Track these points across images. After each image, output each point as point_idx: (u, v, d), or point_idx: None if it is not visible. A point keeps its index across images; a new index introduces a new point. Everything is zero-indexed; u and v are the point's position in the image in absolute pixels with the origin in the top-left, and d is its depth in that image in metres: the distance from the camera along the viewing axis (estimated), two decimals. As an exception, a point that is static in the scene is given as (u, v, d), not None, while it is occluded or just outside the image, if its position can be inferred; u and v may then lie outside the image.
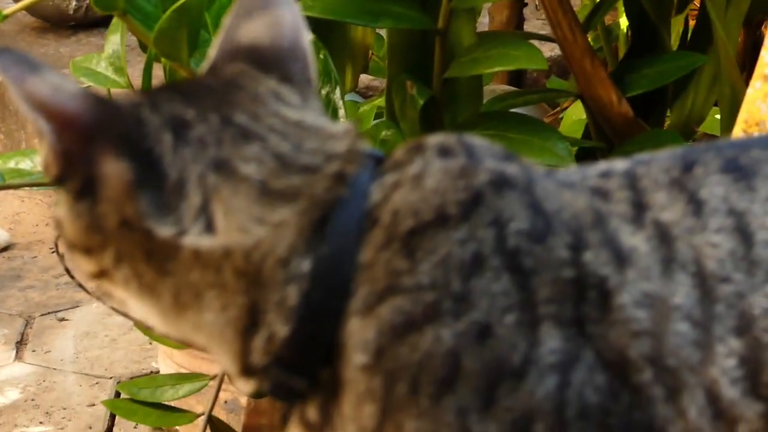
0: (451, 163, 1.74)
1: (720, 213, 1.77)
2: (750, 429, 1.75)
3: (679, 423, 1.74)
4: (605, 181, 1.80)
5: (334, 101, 3.09)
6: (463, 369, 1.69)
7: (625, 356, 1.72)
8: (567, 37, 3.43)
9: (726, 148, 1.84)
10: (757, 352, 1.74)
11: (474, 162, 1.75)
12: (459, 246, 1.70)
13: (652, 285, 1.74)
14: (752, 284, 1.75)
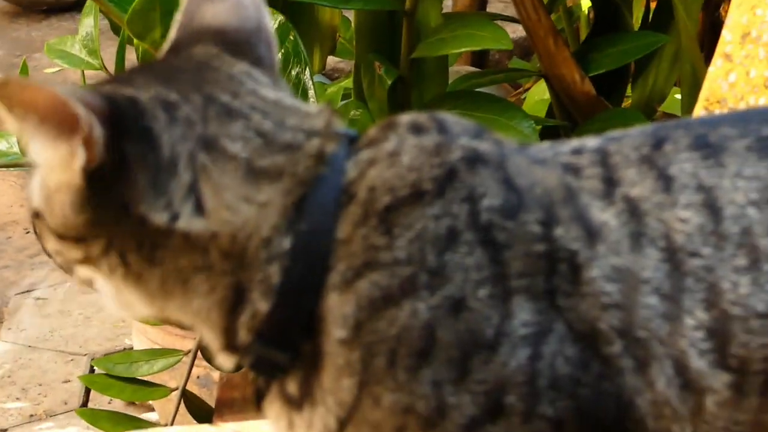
0: (425, 140, 1.75)
1: (689, 189, 1.78)
2: (717, 399, 1.77)
3: (648, 393, 1.75)
4: (577, 158, 1.81)
5: (304, 82, 3.10)
6: (438, 342, 1.70)
7: (596, 328, 1.73)
8: (531, 17, 3.45)
9: (696, 125, 1.85)
10: (725, 325, 1.76)
11: (448, 139, 1.76)
12: (434, 221, 1.71)
13: (621, 259, 1.75)
14: (721, 258, 1.76)
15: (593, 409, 1.74)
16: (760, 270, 1.76)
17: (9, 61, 6.03)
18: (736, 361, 1.75)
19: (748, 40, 2.78)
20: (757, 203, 1.77)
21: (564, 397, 1.72)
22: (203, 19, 1.84)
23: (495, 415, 1.71)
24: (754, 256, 1.76)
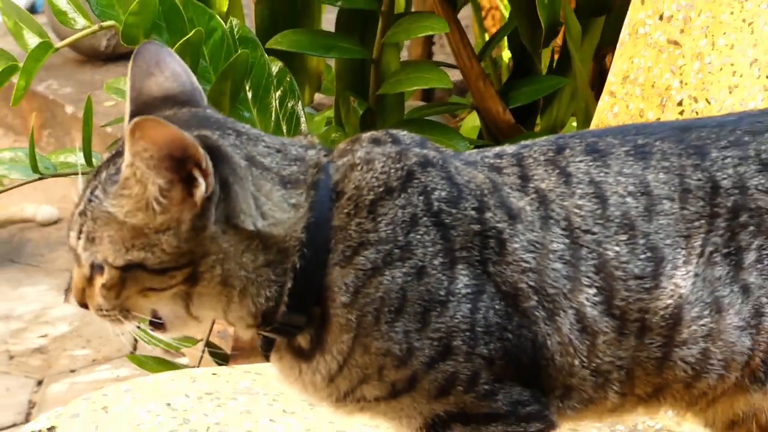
0: (388, 149, 1.76)
1: (583, 183, 1.80)
2: (605, 340, 1.77)
3: (556, 336, 1.76)
4: (499, 160, 1.82)
5: (297, 112, 3.08)
6: (408, 300, 1.71)
7: (517, 288, 1.74)
8: (466, 64, 3.44)
9: (587, 135, 1.86)
10: (610, 283, 1.77)
11: (404, 148, 1.77)
12: (401, 210, 1.72)
13: (535, 235, 1.76)
14: (606, 235, 1.78)
15: (516, 349, 1.74)
16: (636, 243, 1.78)
17: (77, 97, 6.00)
18: (618, 311, 1.77)
19: (627, 81, 2.78)
20: (633, 194, 1.80)
21: (494, 340, 1.73)
22: (151, 91, 1.77)
23: (446, 354, 1.72)
24: (632, 233, 1.78)
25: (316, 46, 3.23)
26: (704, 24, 2.67)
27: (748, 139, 1.83)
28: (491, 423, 1.76)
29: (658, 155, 1.81)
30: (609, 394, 1.81)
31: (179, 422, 2.34)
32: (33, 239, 5.57)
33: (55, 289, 5.15)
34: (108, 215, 1.67)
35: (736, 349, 1.81)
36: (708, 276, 1.80)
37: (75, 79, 6.31)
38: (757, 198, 1.81)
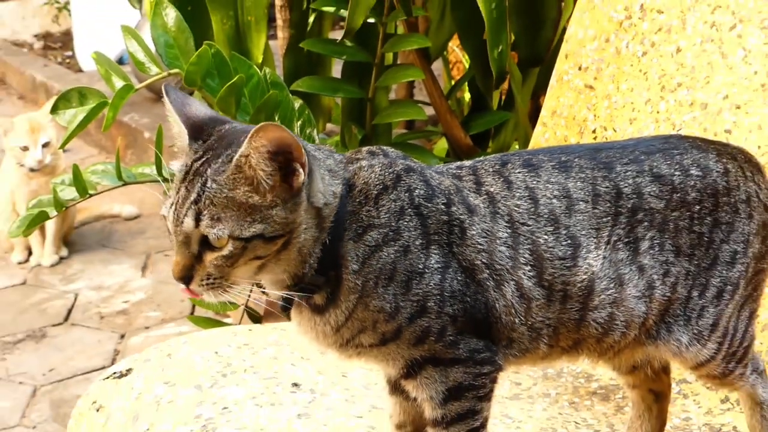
0: (382, 160, 1.74)
1: (521, 188, 1.79)
2: (537, 304, 1.77)
3: (502, 301, 1.75)
4: (459, 171, 1.80)
5: (314, 136, 3.07)
6: (397, 271, 1.69)
7: (474, 264, 1.73)
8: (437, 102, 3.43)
9: (524, 153, 1.84)
10: (540, 263, 1.76)
11: (393, 159, 1.75)
12: (393, 202, 1.70)
13: (486, 225, 1.75)
14: (537, 227, 1.77)
15: (473, 309, 1.73)
16: (560, 233, 1.77)
17: (152, 126, 6.00)
18: (547, 283, 1.76)
19: (555, 115, 2.77)
20: (558, 197, 1.78)
21: (457, 303, 1.71)
22: (196, 115, 1.70)
23: (423, 312, 1.70)
24: (556, 226, 1.77)
25: (327, 88, 3.22)
26: (612, 73, 2.67)
27: (644, 158, 1.83)
28: (454, 365, 1.74)
29: (577, 168, 1.80)
30: (540, 345, 1.80)
31: (224, 365, 2.32)
32: (119, 230, 5.54)
33: (135, 267, 5.13)
34: (229, 199, 1.60)
35: (635, 313, 1.81)
36: (613, 258, 1.79)
37: (151, 112, 6.31)
38: (650, 201, 1.80)
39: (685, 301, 1.84)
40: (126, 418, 2.21)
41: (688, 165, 1.83)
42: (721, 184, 1.84)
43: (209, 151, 1.64)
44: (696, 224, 1.82)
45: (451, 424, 1.76)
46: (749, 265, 1.88)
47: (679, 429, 2.23)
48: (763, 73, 2.43)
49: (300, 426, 2.09)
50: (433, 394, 1.75)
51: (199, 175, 1.63)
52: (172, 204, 1.65)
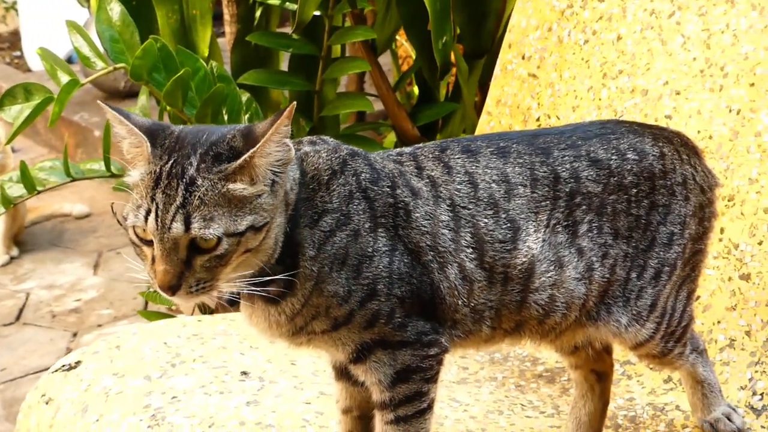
0: (325, 146, 1.75)
1: (461, 173, 1.80)
2: (479, 286, 1.79)
3: (446, 282, 1.77)
4: (400, 157, 1.82)
5: (261, 130, 3.09)
6: (349, 255, 1.70)
7: (419, 246, 1.74)
8: (385, 95, 3.45)
9: (463, 140, 1.86)
10: (481, 246, 1.78)
11: (336, 145, 1.76)
12: (342, 186, 1.71)
13: (430, 208, 1.76)
14: (477, 210, 1.79)
15: (419, 291, 1.75)
16: (499, 217, 1.78)
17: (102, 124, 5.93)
18: (488, 265, 1.78)
19: (500, 104, 2.80)
20: (496, 182, 1.80)
21: (405, 285, 1.73)
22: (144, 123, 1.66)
23: (373, 296, 1.71)
24: (496, 210, 1.79)
25: (274, 81, 3.23)
26: (554, 62, 2.70)
27: (581, 143, 1.85)
28: (402, 348, 1.75)
29: (515, 154, 1.82)
30: (483, 327, 1.82)
31: (173, 356, 2.34)
32: (70, 229, 5.52)
33: (87, 265, 5.11)
34: (222, 196, 1.58)
35: (575, 295, 1.83)
36: (552, 241, 1.81)
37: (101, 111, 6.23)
38: (587, 185, 1.83)
39: (624, 283, 1.87)
40: (75, 410, 2.22)
41: (624, 149, 1.86)
42: (657, 167, 1.88)
43: (174, 154, 1.61)
44: (633, 207, 1.86)
45: (399, 407, 1.77)
46: (686, 246, 1.92)
47: (623, 409, 2.27)
48: (702, 59, 2.47)
49: (249, 413, 2.11)
50: (381, 378, 1.76)
51: (178, 178, 1.59)
52: (148, 212, 1.60)
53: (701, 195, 1.94)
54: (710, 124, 2.42)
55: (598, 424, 2.08)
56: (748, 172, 2.35)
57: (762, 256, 2.29)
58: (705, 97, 2.45)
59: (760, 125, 2.36)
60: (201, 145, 1.62)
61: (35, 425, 2.27)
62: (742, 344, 2.27)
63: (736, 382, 2.25)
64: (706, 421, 2.13)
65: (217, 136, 1.62)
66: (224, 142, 1.61)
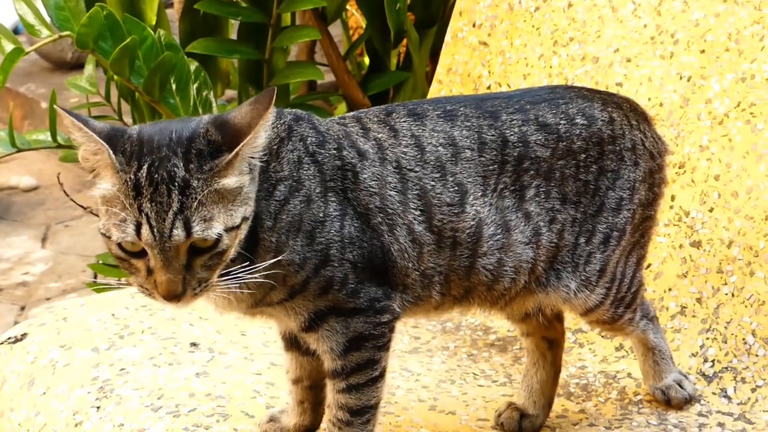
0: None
1: (407, 136, 1.80)
2: (428, 250, 1.79)
3: (396, 245, 1.76)
4: (343, 120, 1.81)
5: (210, 99, 3.07)
6: (303, 221, 1.69)
7: (368, 208, 1.74)
8: (335, 63, 3.44)
9: (408, 104, 1.85)
10: (429, 208, 1.78)
11: (279, 111, 1.74)
12: (291, 153, 1.70)
13: (377, 170, 1.76)
14: (424, 173, 1.78)
15: (370, 255, 1.75)
16: (446, 180, 1.79)
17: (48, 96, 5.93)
18: (436, 229, 1.78)
19: (451, 72, 2.80)
20: (443, 145, 1.81)
21: (356, 249, 1.73)
22: (101, 129, 1.62)
23: (326, 262, 1.71)
24: (443, 172, 1.79)
25: (222, 50, 3.21)
26: (505, 29, 2.70)
27: (530, 107, 1.86)
28: (355, 315, 1.75)
29: (462, 117, 1.82)
30: (432, 292, 1.82)
31: (121, 327, 2.33)
32: (17, 202, 5.48)
33: (34, 239, 5.08)
34: (217, 193, 1.57)
35: (522, 259, 1.84)
36: (500, 205, 1.81)
37: (48, 82, 6.22)
38: (536, 150, 1.83)
39: (573, 248, 1.88)
40: (22, 383, 2.20)
41: (573, 114, 1.87)
42: (606, 132, 1.89)
43: (145, 158, 1.57)
44: (582, 172, 1.87)
45: (350, 375, 1.77)
46: (635, 211, 1.93)
47: (575, 377, 2.29)
48: (653, 26, 2.49)
49: (198, 384, 2.11)
50: (333, 346, 1.76)
51: (167, 183, 1.56)
52: (138, 224, 1.55)
53: (651, 161, 1.96)
54: (661, 92, 2.43)
55: (550, 391, 2.09)
56: (699, 139, 2.36)
57: (712, 223, 2.31)
58: (656, 64, 2.46)
59: (710, 92, 2.38)
60: (177, 144, 1.58)
61: (-19, 399, 2.26)
62: (693, 311, 2.29)
63: (687, 349, 2.27)
64: (657, 389, 2.16)
65: (190, 132, 1.60)
66: (200, 137, 1.59)
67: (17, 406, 2.17)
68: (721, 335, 2.24)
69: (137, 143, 1.60)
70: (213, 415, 2.00)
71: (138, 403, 2.05)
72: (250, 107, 1.60)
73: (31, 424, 2.13)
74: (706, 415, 2.13)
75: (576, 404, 2.18)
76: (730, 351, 2.23)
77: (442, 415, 2.09)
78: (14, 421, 2.16)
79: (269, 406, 2.03)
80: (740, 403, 2.16)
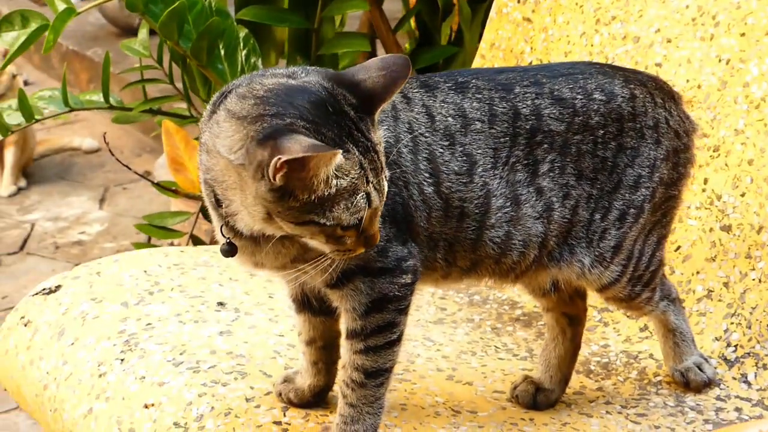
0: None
1: (419, 105, 1.81)
2: (436, 215, 1.80)
3: (411, 201, 1.77)
4: None
5: (258, 66, 3.11)
6: None
7: (388, 162, 1.70)
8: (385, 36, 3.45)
9: (421, 77, 1.86)
10: (437, 174, 1.79)
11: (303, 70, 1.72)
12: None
13: (392, 124, 1.77)
14: (434, 140, 1.80)
15: (393, 208, 1.75)
16: (455, 148, 1.79)
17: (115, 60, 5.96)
18: (444, 195, 1.79)
19: (494, 48, 2.81)
20: (453, 116, 1.80)
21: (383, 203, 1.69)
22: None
23: None
24: (452, 141, 1.80)
25: (272, 17, 3.24)
26: (549, 6, 2.71)
27: (545, 81, 1.86)
28: (381, 276, 1.75)
29: (474, 89, 1.83)
30: (437, 257, 1.82)
31: (152, 284, 2.38)
32: (79, 163, 5.59)
33: (93, 200, 5.18)
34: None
35: (532, 233, 1.85)
36: (510, 179, 1.82)
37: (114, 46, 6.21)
38: (549, 123, 1.84)
39: (588, 224, 1.89)
40: (52, 333, 2.27)
41: (591, 89, 1.87)
42: (626, 109, 1.89)
43: (347, 138, 1.58)
44: (600, 148, 1.87)
45: (369, 336, 1.78)
46: (656, 190, 1.94)
47: (597, 355, 2.30)
48: (694, 7, 2.48)
49: (221, 342, 2.16)
50: (356, 305, 1.76)
51: (369, 150, 1.60)
52: (368, 195, 1.60)
53: (676, 140, 1.96)
54: (699, 74, 2.43)
55: (567, 367, 2.10)
56: (735, 122, 2.36)
57: (743, 207, 2.31)
58: (695, 45, 2.45)
59: (748, 76, 2.37)
60: (336, 114, 1.58)
61: (13, 347, 2.33)
62: (720, 295, 2.29)
63: (711, 332, 2.27)
64: (677, 370, 2.16)
65: (328, 98, 1.59)
66: (344, 101, 1.60)
67: (46, 355, 2.24)
68: (746, 320, 2.25)
69: (319, 128, 1.57)
70: (231, 372, 2.04)
71: (161, 358, 2.10)
72: (383, 73, 1.60)
73: (58, 372, 2.19)
74: (724, 400, 2.14)
75: (595, 382, 2.20)
76: (754, 337, 2.23)
77: (459, 385, 2.12)
78: (43, 369, 2.23)
79: (287, 367, 2.07)
80: (760, 389, 2.16)
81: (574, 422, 2.04)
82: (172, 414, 1.98)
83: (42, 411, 2.22)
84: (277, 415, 1.93)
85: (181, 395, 2.00)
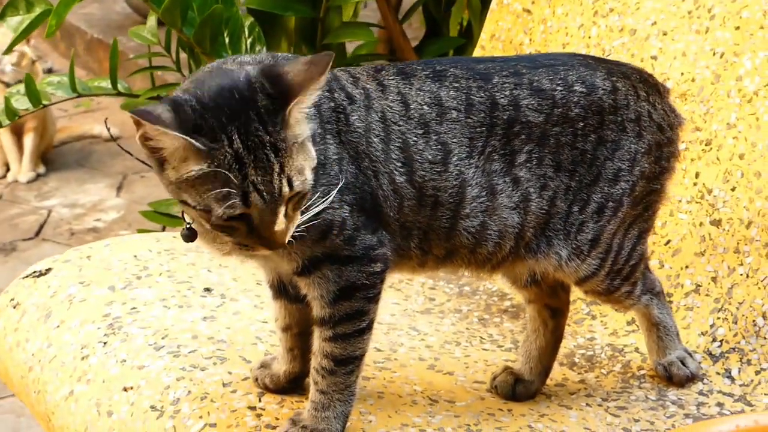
0: None
1: (393, 93, 1.80)
2: (409, 204, 1.79)
3: (380, 191, 1.76)
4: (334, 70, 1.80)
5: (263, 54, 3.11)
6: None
7: (357, 151, 1.74)
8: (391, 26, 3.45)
9: (399, 64, 1.86)
10: (410, 162, 1.78)
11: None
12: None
13: (363, 114, 1.76)
14: (408, 128, 1.78)
15: (362, 197, 1.74)
16: (429, 137, 1.78)
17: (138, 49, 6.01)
18: (417, 184, 1.77)
19: (494, 39, 2.80)
20: (428, 104, 1.79)
21: (351, 192, 1.73)
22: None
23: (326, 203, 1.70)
24: (426, 129, 1.78)
25: (278, 6, 3.24)
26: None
27: (525, 71, 1.84)
28: (349, 264, 1.75)
29: (451, 78, 1.81)
30: (411, 245, 1.82)
31: (140, 269, 2.39)
32: (98, 150, 5.62)
33: (110, 187, 5.21)
34: (301, 143, 1.62)
35: (508, 224, 1.83)
36: (487, 169, 1.81)
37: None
38: (527, 114, 1.82)
39: (565, 216, 1.87)
40: (39, 316, 2.28)
41: (572, 81, 1.85)
42: (607, 101, 1.87)
43: (231, 129, 1.56)
44: (579, 141, 1.86)
45: (338, 324, 1.77)
46: (636, 183, 1.92)
47: (582, 348, 2.29)
48: (690, 0, 2.46)
49: (203, 327, 2.16)
50: (324, 293, 1.76)
51: (261, 148, 1.57)
52: (245, 194, 1.57)
53: (659, 133, 1.94)
54: (694, 67, 2.40)
55: (548, 359, 2.09)
56: (727, 116, 2.33)
57: (734, 202, 2.28)
58: (691, 38, 2.43)
59: (742, 69, 2.35)
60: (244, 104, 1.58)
61: (2, 328, 2.34)
62: (707, 290, 2.27)
63: (697, 327, 2.25)
64: (660, 364, 2.14)
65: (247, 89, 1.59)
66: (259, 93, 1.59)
67: (33, 337, 2.26)
68: (732, 316, 2.22)
69: (206, 113, 1.58)
70: (211, 357, 2.05)
71: (142, 342, 2.11)
72: (306, 67, 1.60)
73: (42, 354, 2.21)
74: (706, 394, 2.12)
75: (577, 374, 2.19)
76: (739, 332, 2.21)
77: (440, 375, 2.11)
78: (28, 351, 2.25)
79: (267, 353, 2.07)
80: (743, 385, 2.14)
81: (553, 414, 2.02)
82: (149, 397, 1.98)
83: (27, 393, 2.24)
84: (252, 401, 1.93)
85: (160, 379, 2.00)
